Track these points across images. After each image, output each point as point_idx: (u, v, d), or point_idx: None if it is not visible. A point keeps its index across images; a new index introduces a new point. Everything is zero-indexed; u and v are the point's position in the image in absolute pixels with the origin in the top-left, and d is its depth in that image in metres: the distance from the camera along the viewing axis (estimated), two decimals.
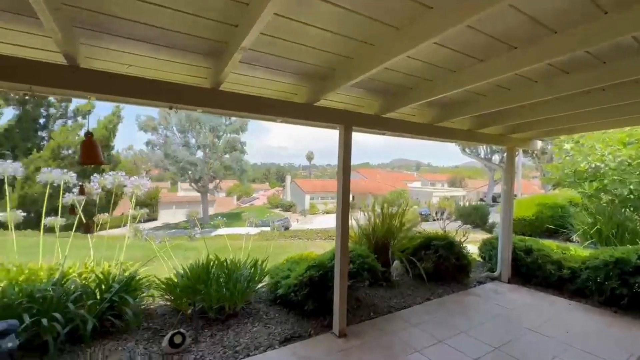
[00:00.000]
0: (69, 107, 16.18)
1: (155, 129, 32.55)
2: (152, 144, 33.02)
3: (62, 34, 1.67)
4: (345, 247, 3.29)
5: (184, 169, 31.32)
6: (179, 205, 41.26)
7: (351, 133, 3.28)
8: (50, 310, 2.77)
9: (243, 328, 3.36)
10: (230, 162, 33.48)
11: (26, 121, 13.91)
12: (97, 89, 2.18)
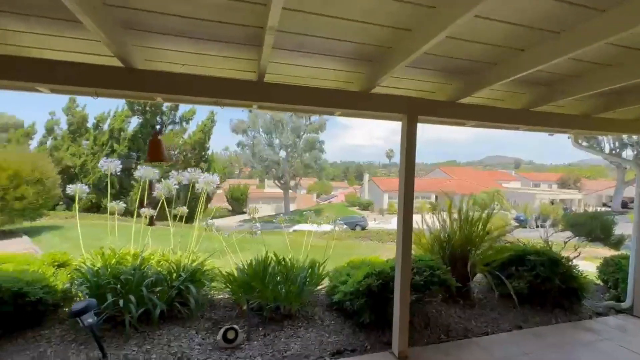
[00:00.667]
0: (177, 114, 19.04)
1: (245, 131, 35.80)
2: (242, 144, 36.47)
3: (108, 35, 1.73)
4: (407, 256, 2.85)
5: (268, 167, 33.80)
6: (265, 200, 44.90)
7: (416, 124, 2.80)
8: (129, 293, 3.10)
9: (296, 332, 3.23)
10: (309, 160, 34.76)
11: (146, 127, 16.93)
12: (152, 88, 2.27)
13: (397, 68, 2.13)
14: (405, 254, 2.83)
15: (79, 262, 3.62)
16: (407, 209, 2.80)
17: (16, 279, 2.93)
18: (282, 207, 37.54)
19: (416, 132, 2.81)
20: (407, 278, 2.86)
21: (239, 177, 59.25)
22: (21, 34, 1.97)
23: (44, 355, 2.71)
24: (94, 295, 3.18)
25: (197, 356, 2.77)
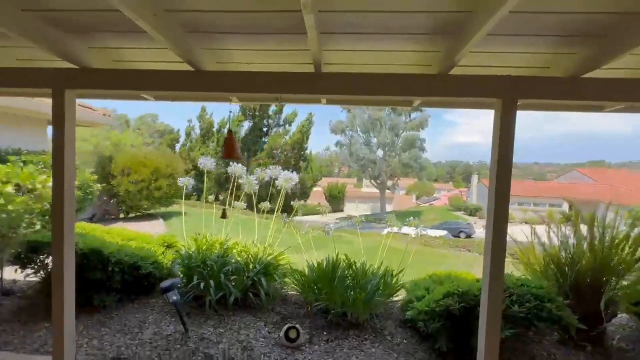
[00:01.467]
0: (281, 117, 20.87)
1: (343, 130, 36.56)
2: (340, 144, 37.36)
3: (171, 41, 1.87)
4: (498, 277, 2.23)
5: (364, 167, 33.68)
6: (361, 200, 45.14)
7: (514, 110, 2.16)
8: (211, 277, 3.43)
9: (360, 344, 2.97)
10: (408, 159, 33.08)
11: (254, 130, 19.15)
12: (218, 88, 2.36)
13: (486, 38, 1.65)
14: (494, 274, 2.23)
15: (180, 245, 4.22)
16: (500, 216, 2.19)
17: (134, 254, 3.60)
18: (378, 207, 36.95)
19: (515, 120, 2.17)
20: (496, 305, 2.25)
21: (338, 176, 61.26)
22: (120, 50, 2.34)
23: (146, 320, 3.23)
24: (186, 275, 3.65)
25: (260, 349, 2.84)
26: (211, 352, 2.75)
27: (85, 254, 3.27)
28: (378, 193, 37.30)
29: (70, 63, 2.28)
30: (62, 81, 2.36)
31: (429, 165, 36.23)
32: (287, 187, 4.34)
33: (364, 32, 1.93)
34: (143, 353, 2.70)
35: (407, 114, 31.37)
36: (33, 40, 1.96)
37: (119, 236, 4.09)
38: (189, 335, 2.98)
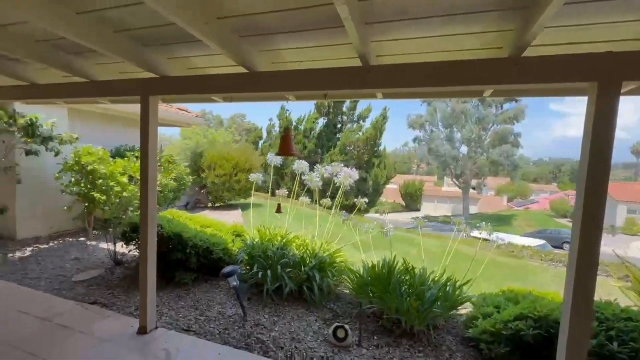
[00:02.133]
0: (355, 113, 20.77)
1: (422, 125, 34.47)
2: (419, 140, 35.32)
3: (223, 45, 2.01)
4: (584, 301, 1.80)
5: (445, 164, 31.18)
6: (441, 199, 42.01)
7: (617, 95, 1.69)
8: (269, 267, 3.63)
9: (412, 356, 2.77)
10: (498, 156, 29.39)
11: (329, 126, 19.51)
12: (271, 88, 2.44)
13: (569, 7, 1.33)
14: (579, 298, 1.80)
15: (246, 236, 4.58)
16: (590, 225, 1.76)
17: (208, 240, 4.05)
18: (460, 208, 33.90)
19: (616, 108, 1.69)
20: (580, 337, 1.81)
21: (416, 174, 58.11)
22: (192, 58, 2.62)
23: (214, 299, 3.61)
24: (249, 263, 3.93)
25: (308, 342, 2.89)
26: (263, 338, 2.91)
27: (169, 237, 3.81)
28: (459, 193, 34.18)
29: (152, 73, 2.65)
30: (147, 89, 2.76)
31: (525, 163, 31.47)
32: (346, 184, 4.29)
33: (416, 17, 1.76)
34: (207, 328, 3.02)
35: (499, 105, 27.82)
36: (124, 56, 2.34)
37: (198, 223, 4.65)
38: (246, 318, 3.21)
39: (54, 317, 3.09)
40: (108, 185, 5.32)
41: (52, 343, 2.68)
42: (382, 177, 18.30)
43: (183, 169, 7.95)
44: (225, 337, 2.90)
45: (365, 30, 1.88)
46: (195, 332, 2.97)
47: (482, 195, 43.19)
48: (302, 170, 4.81)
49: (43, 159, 5.35)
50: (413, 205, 40.47)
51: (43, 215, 5.76)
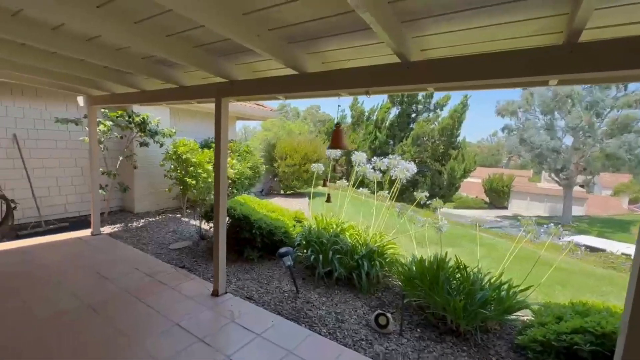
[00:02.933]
0: (432, 102, 19.52)
1: (515, 112, 30.41)
2: (509, 129, 31.32)
3: (277, 53, 2.28)
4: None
5: (540, 156, 27.02)
6: (535, 197, 36.65)
7: None
8: (321, 253, 3.92)
9: (454, 353, 2.73)
10: (617, 148, 24.15)
11: (402, 117, 18.80)
12: (322, 87, 2.64)
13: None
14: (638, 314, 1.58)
15: (305, 222, 4.95)
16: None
17: (271, 223, 4.54)
18: (558, 209, 29.19)
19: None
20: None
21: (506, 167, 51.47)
22: (255, 63, 2.99)
23: (273, 276, 4.07)
24: (305, 247, 4.28)
25: (351, 325, 3.09)
26: (311, 314, 3.22)
27: (239, 218, 4.41)
28: (561, 190, 29.27)
29: (224, 78, 3.11)
30: (220, 92, 3.25)
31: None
32: (402, 177, 4.27)
33: (456, 10, 1.73)
34: (265, 299, 3.48)
35: (619, 87, 22.70)
36: (202, 66, 2.82)
37: (266, 208, 5.21)
38: (298, 295, 3.58)
39: (155, 274, 3.94)
40: (197, 172, 6.31)
41: (152, 293, 3.46)
42: (460, 170, 16.94)
43: (258, 158, 8.81)
44: (279, 308, 3.31)
45: (401, 29, 1.93)
46: (255, 300, 3.46)
47: (592, 194, 36.27)
48: (359, 161, 4.94)
49: (151, 150, 6.63)
50: (499, 202, 36.30)
51: (152, 195, 7.15)
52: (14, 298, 3.22)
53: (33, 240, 4.90)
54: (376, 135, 19.61)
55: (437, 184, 17.22)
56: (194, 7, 1.78)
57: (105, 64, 3.15)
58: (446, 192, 17.43)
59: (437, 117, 18.22)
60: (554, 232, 3.08)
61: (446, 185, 17.13)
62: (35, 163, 5.79)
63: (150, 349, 2.54)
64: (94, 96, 4.95)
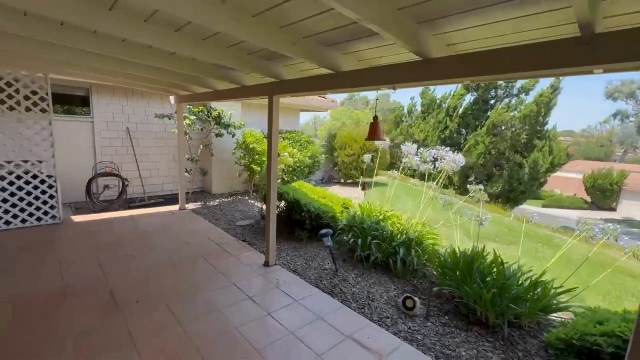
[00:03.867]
0: (514, 86, 17.37)
1: (632, 95, 25.27)
2: (623, 114, 26.16)
3: (312, 57, 2.61)
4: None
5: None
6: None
7: None
8: (360, 237, 4.20)
9: (477, 342, 2.78)
10: None
11: (477, 103, 17.19)
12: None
13: None
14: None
15: (351, 209, 5.24)
16: None
17: (319, 208, 4.97)
18: None
19: None
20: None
21: (621, 161, 42.53)
22: (300, 64, 3.37)
23: (318, 254, 4.51)
24: (347, 231, 4.61)
25: (380, 304, 3.35)
26: (345, 290, 3.57)
27: (291, 202, 4.95)
28: None
29: (274, 78, 3.57)
30: (272, 90, 3.73)
31: None
32: (448, 169, 4.23)
33: (464, 10, 1.82)
34: (307, 274, 3.94)
35: None
36: (257, 70, 3.32)
37: (317, 194, 5.66)
38: (337, 274, 3.95)
39: (222, 244, 4.74)
40: (261, 159, 7.10)
41: (218, 258, 4.22)
42: (545, 163, 14.91)
43: (317, 148, 9.32)
44: (317, 282, 3.74)
45: (417, 30, 2.07)
46: (299, 273, 3.95)
47: None
48: (407, 152, 4.99)
49: (225, 140, 7.65)
50: (603, 202, 30.58)
51: (225, 178, 8.27)
52: (123, 249, 4.31)
53: (138, 211, 6.27)
54: (447, 124, 18.44)
55: (515, 178, 15.50)
56: (240, 29, 2.20)
57: (186, 72, 3.90)
58: (527, 187, 15.57)
59: (520, 103, 16.20)
60: (613, 232, 2.80)
61: (527, 179, 15.29)
62: (141, 150, 7.27)
63: (211, 298, 3.21)
64: (181, 95, 6.00)
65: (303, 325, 2.87)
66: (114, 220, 5.57)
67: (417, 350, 2.65)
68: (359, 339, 2.72)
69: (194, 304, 3.10)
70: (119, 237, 4.78)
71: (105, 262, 3.90)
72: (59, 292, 3.17)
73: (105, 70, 4.15)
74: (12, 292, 3.13)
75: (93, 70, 4.21)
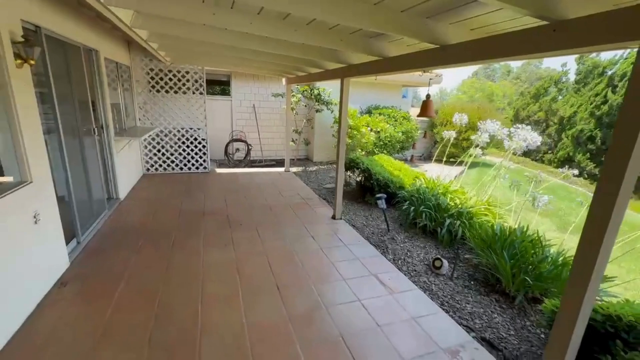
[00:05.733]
0: None
1: None
2: None
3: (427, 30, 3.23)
4: (580, 284, 1.70)
5: None
6: None
7: None
8: (413, 205, 4.64)
9: (489, 304, 3.05)
10: None
11: None
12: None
13: None
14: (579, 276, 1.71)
15: (418, 182, 5.56)
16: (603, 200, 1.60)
17: (388, 178, 5.53)
18: None
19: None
20: (568, 318, 1.75)
21: None
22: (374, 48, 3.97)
23: (379, 216, 5.19)
24: (408, 200, 5.06)
25: (413, 262, 3.87)
26: (388, 246, 4.22)
27: (364, 170, 5.69)
28: None
29: (343, 64, 4.31)
30: (343, 73, 4.50)
31: None
32: (517, 147, 4.09)
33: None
34: (363, 229, 4.73)
35: None
36: (328, 59, 4.15)
37: (393, 167, 6.17)
38: (387, 233, 4.58)
39: (307, 199, 5.99)
40: (353, 133, 7.95)
41: (300, 208, 5.47)
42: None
43: (413, 124, 9.42)
44: (369, 237, 4.49)
45: (436, 20, 2.46)
46: (356, 228, 4.78)
47: None
48: (485, 130, 4.92)
49: (324, 115, 8.79)
50: None
51: (324, 149, 9.53)
52: (241, 193, 6.08)
53: (256, 169, 8.23)
54: (605, 98, 14.52)
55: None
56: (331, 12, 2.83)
57: (296, 55, 5.03)
58: None
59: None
60: None
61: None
62: (262, 122, 9.23)
63: (286, 231, 4.45)
64: (289, 77, 7.36)
65: (342, 260, 3.75)
66: (239, 174, 7.61)
67: (426, 296, 3.17)
68: (380, 277, 3.43)
69: (274, 232, 4.40)
70: (240, 186, 6.65)
71: (229, 199, 5.70)
72: (201, 211, 5.04)
73: (241, 58, 5.74)
74: (181, 206, 5.17)
75: (232, 62, 5.89)
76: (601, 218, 1.59)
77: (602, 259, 1.65)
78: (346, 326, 2.63)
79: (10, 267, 2.35)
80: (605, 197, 1.57)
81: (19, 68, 2.50)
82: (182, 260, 3.51)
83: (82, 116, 3.98)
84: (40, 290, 2.74)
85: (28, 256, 2.58)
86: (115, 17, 3.10)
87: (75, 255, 3.45)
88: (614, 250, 1.79)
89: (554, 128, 19.63)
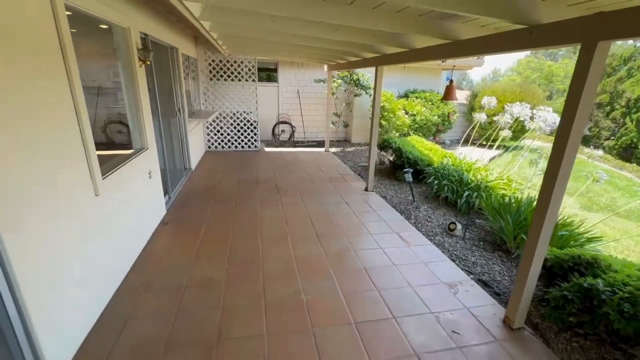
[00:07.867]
0: None
1: None
2: None
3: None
4: (541, 240, 2.30)
5: None
6: None
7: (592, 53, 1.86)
8: (439, 179, 5.21)
9: (488, 259, 3.64)
10: None
11: None
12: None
13: None
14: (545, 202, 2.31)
15: (445, 160, 6.05)
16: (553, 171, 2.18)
17: (417, 156, 6.10)
18: None
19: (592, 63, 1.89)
20: (532, 260, 2.36)
21: None
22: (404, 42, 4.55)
23: (406, 190, 5.83)
24: (433, 175, 5.62)
25: (432, 225, 4.51)
26: (412, 213, 4.89)
27: (395, 149, 6.31)
28: None
29: (379, 54, 4.92)
30: (377, 62, 5.11)
31: None
32: (537, 128, 4.45)
33: None
34: (391, 199, 5.43)
35: None
36: (366, 50, 4.80)
37: (424, 147, 6.68)
38: (413, 203, 5.23)
39: (343, 175, 6.78)
40: (389, 116, 8.48)
41: (337, 181, 6.28)
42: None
43: (450, 108, 9.63)
44: (396, 205, 5.19)
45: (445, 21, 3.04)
46: (386, 199, 5.48)
47: None
48: (510, 112, 5.26)
49: (363, 99, 9.37)
50: None
51: (362, 131, 10.15)
52: (287, 168, 7.05)
53: (299, 149, 9.16)
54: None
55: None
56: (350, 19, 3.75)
57: (337, 47, 5.75)
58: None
59: None
60: None
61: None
62: (304, 106, 10.07)
63: (325, 198, 5.30)
64: (330, 64, 8.04)
65: (370, 221, 4.53)
66: (285, 153, 8.60)
67: (438, 249, 3.84)
68: (400, 234, 4.16)
69: (314, 198, 5.29)
70: (286, 162, 7.63)
71: (276, 172, 6.70)
72: (255, 180, 6.09)
73: (293, 46, 6.59)
74: (238, 176, 6.27)
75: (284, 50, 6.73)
76: (552, 171, 2.18)
77: (553, 205, 2.24)
78: (369, 263, 3.43)
79: (146, 205, 3.49)
80: (555, 153, 2.15)
81: (140, 67, 3.55)
82: (244, 214, 4.54)
83: (169, 101, 5.11)
84: (154, 224, 3.92)
85: (149, 200, 3.73)
86: (188, 11, 3.63)
87: (168, 206, 4.63)
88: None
89: (619, 112, 17.98)
